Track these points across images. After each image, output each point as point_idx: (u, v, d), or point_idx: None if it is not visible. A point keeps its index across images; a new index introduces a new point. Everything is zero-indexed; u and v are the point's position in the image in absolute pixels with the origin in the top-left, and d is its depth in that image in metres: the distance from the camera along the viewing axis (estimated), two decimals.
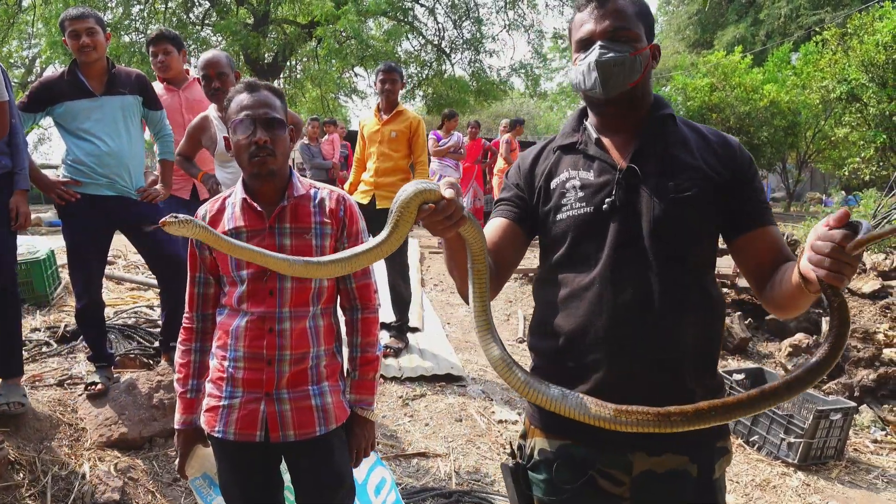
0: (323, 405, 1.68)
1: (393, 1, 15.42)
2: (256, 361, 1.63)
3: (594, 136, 1.38)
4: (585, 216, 1.32)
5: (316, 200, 1.71)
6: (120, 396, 3.04)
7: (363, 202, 4.37)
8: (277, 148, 1.63)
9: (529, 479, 1.41)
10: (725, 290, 5.58)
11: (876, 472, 3.32)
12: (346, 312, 1.82)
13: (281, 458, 1.77)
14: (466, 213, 1.12)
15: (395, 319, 4.52)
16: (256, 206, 1.66)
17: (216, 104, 3.19)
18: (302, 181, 1.74)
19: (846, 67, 9.30)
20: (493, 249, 1.39)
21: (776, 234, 1.33)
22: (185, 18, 15.68)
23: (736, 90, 12.06)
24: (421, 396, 3.83)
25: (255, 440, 1.64)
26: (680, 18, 22.71)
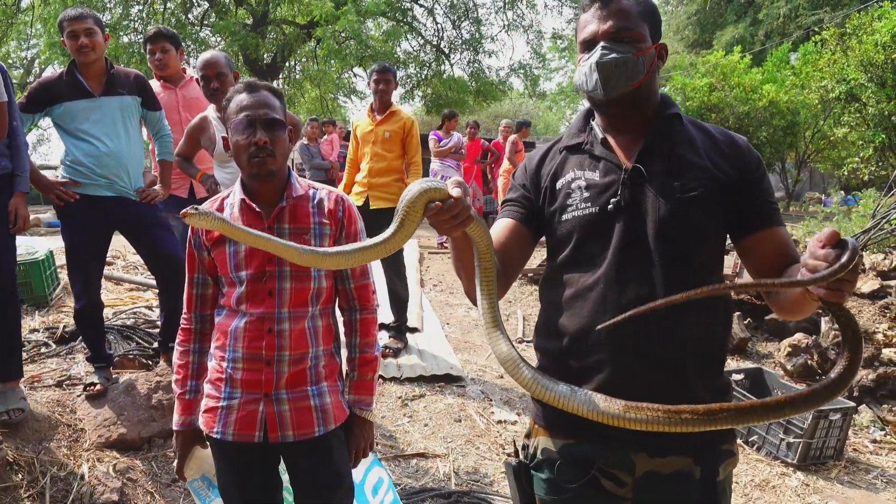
0: (322, 405, 1.68)
1: (392, 1, 15.42)
2: (255, 362, 1.63)
3: (600, 136, 1.38)
4: (591, 216, 1.32)
5: (315, 201, 1.71)
6: (119, 397, 3.04)
7: (357, 203, 4.34)
8: (277, 148, 1.62)
9: (532, 478, 1.41)
10: None
11: (875, 472, 3.32)
12: (344, 313, 1.82)
13: (280, 458, 1.77)
14: (473, 212, 1.12)
15: (393, 320, 4.50)
16: (255, 206, 1.65)
17: (215, 104, 3.18)
18: (300, 182, 1.74)
19: (845, 67, 9.30)
20: (499, 250, 1.38)
21: (784, 235, 1.32)
22: (183, 19, 15.67)
23: (735, 90, 12.06)
24: (420, 397, 3.83)
25: (253, 441, 1.64)
26: (679, 19, 22.73)
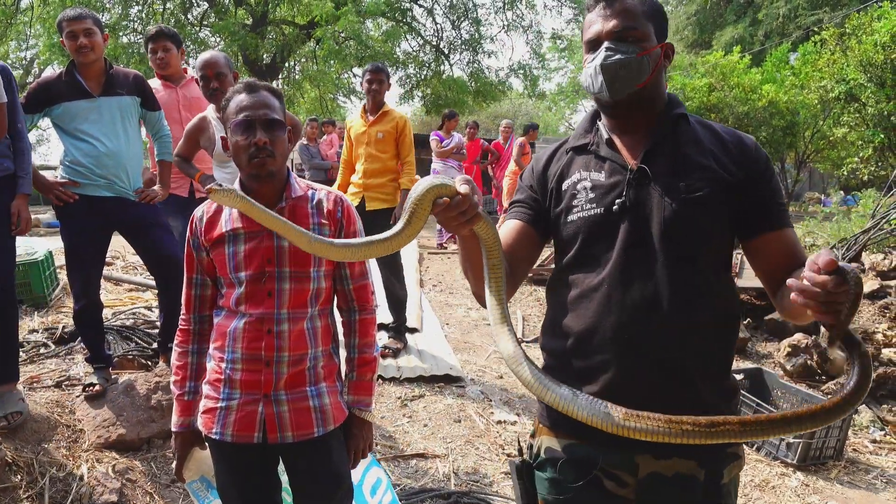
0: (321, 406, 1.68)
1: (392, 1, 15.42)
2: (254, 363, 1.63)
3: (605, 136, 1.38)
4: (596, 217, 1.32)
5: (314, 202, 1.71)
6: (118, 398, 3.04)
7: (353, 204, 4.35)
8: (276, 149, 1.62)
9: (535, 478, 1.41)
10: None
11: (875, 472, 3.32)
12: (343, 314, 1.82)
13: (279, 459, 1.77)
14: (481, 209, 1.12)
15: (392, 320, 4.50)
16: None
17: (214, 105, 3.18)
18: (299, 182, 1.74)
19: (844, 67, 9.29)
20: (506, 251, 1.38)
21: (791, 237, 1.30)
22: (183, 19, 15.67)
23: (734, 90, 12.04)
24: (419, 397, 3.83)
25: (252, 441, 1.64)
26: (678, 19, 22.71)
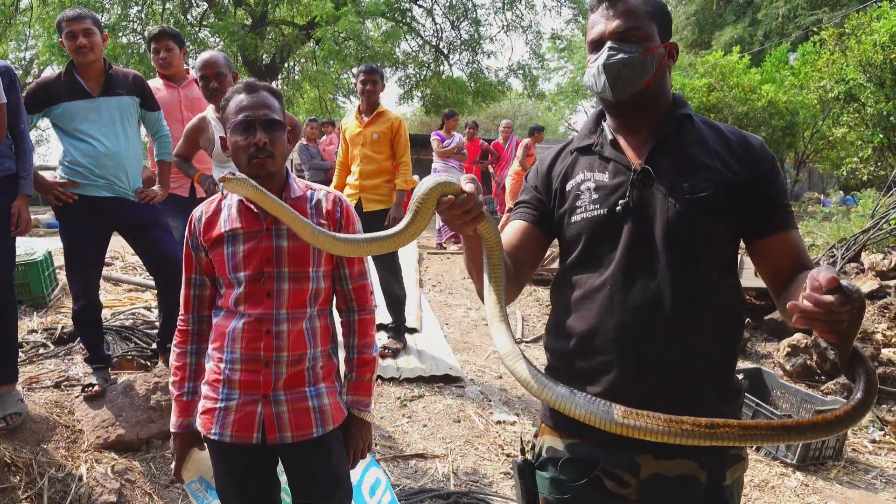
0: (320, 406, 1.68)
1: (391, 2, 15.42)
2: (254, 363, 1.63)
3: (610, 137, 1.38)
4: (599, 218, 1.32)
5: (313, 202, 1.71)
6: (117, 398, 3.03)
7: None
8: (276, 149, 1.62)
9: (536, 477, 1.41)
10: None
11: (874, 472, 3.32)
12: (342, 314, 1.82)
13: (278, 459, 1.76)
14: (485, 209, 1.12)
15: (391, 321, 4.49)
16: (253, 207, 1.65)
17: (214, 105, 3.18)
18: (298, 182, 1.74)
19: (844, 67, 9.29)
20: (511, 252, 1.39)
21: (796, 239, 1.29)
22: (182, 19, 15.66)
23: (734, 90, 12.04)
24: (419, 397, 3.83)
25: (251, 442, 1.64)
26: (678, 19, 22.69)
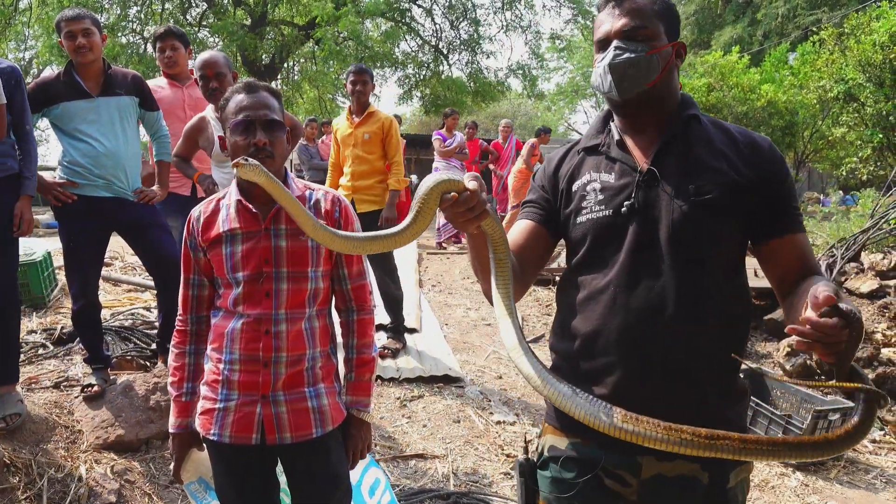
0: (319, 407, 1.67)
1: (391, 2, 15.42)
2: (252, 364, 1.62)
3: (617, 137, 1.38)
4: (604, 219, 1.32)
5: (311, 202, 1.71)
6: (116, 398, 3.03)
7: None
8: (275, 149, 1.62)
9: (537, 476, 1.41)
10: None
11: (874, 472, 3.32)
12: (341, 314, 1.81)
13: (277, 460, 1.76)
14: (488, 206, 1.11)
15: (390, 321, 4.49)
16: (251, 207, 1.65)
17: (213, 104, 3.18)
18: (297, 183, 1.74)
19: (843, 67, 9.28)
20: (517, 251, 1.39)
21: (803, 242, 1.28)
22: (182, 19, 15.66)
23: (733, 90, 12.03)
24: (419, 398, 3.83)
25: (251, 443, 1.64)
26: None
